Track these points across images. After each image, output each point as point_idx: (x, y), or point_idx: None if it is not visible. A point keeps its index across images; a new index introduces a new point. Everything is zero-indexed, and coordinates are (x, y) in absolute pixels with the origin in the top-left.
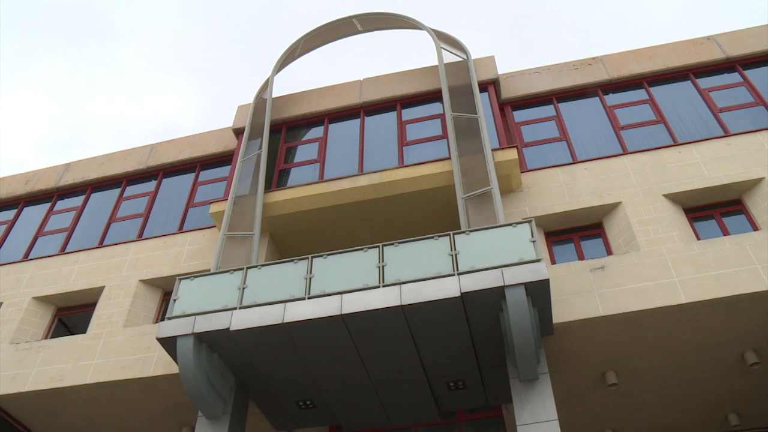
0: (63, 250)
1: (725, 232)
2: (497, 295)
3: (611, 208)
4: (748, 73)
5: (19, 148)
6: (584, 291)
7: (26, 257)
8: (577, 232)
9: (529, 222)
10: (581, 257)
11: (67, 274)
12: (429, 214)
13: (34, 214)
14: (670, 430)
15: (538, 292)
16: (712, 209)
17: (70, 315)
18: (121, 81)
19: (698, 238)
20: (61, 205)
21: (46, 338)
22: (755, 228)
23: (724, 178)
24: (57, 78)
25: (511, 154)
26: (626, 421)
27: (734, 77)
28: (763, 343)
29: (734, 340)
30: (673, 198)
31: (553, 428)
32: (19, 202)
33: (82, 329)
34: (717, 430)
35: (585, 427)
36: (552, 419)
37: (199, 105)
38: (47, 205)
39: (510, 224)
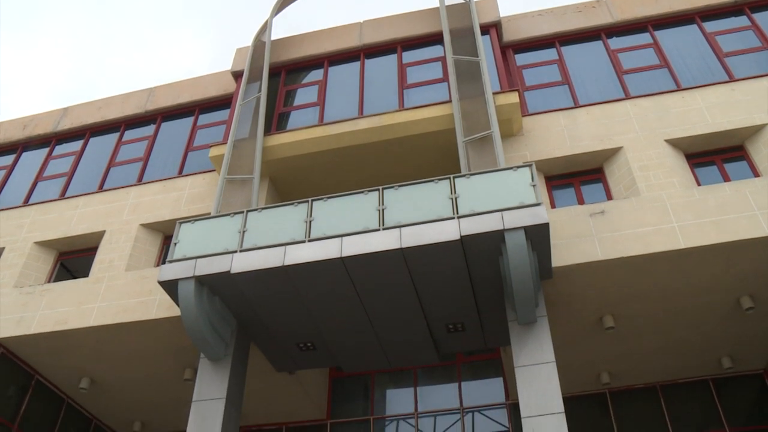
0: (63, 195)
1: (726, 179)
2: (497, 238)
3: (612, 153)
4: (756, 16)
5: (33, 100)
6: (584, 235)
7: (26, 202)
8: (578, 176)
9: (530, 166)
10: (581, 202)
11: (67, 219)
12: (429, 158)
13: (32, 159)
14: (664, 372)
15: (538, 236)
16: (714, 155)
17: (72, 259)
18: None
19: (699, 184)
20: (59, 149)
21: (48, 282)
22: (756, 174)
23: (726, 124)
24: (69, 31)
25: (513, 98)
26: (622, 364)
27: (742, 21)
28: (758, 288)
29: (731, 286)
30: (675, 143)
31: (550, 370)
32: (17, 147)
33: (84, 273)
34: (710, 373)
35: (582, 370)
36: (549, 361)
37: (214, 55)
38: (46, 150)
39: (510, 168)
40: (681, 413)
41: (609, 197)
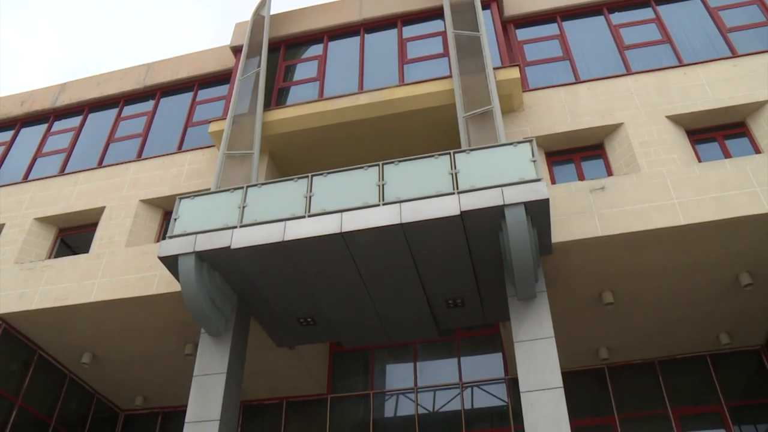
0: (62, 171)
1: (727, 155)
2: (497, 214)
3: (613, 129)
4: None
5: (34, 77)
6: (584, 211)
7: (26, 178)
8: (578, 152)
9: (530, 141)
10: (581, 178)
11: (67, 195)
12: (430, 133)
13: (31, 135)
14: (662, 348)
15: (538, 212)
16: (715, 132)
17: (72, 235)
18: (134, 8)
19: (699, 161)
20: (58, 125)
21: (49, 258)
22: (757, 151)
23: (728, 100)
24: (70, 7)
25: (513, 73)
26: (620, 339)
27: None
28: (757, 264)
29: (730, 262)
30: (676, 120)
31: (549, 345)
32: (15, 123)
33: (85, 249)
34: (708, 349)
35: (580, 345)
36: (548, 336)
37: (214, 30)
38: (44, 126)
39: (511, 143)
40: (678, 388)
41: (609, 173)
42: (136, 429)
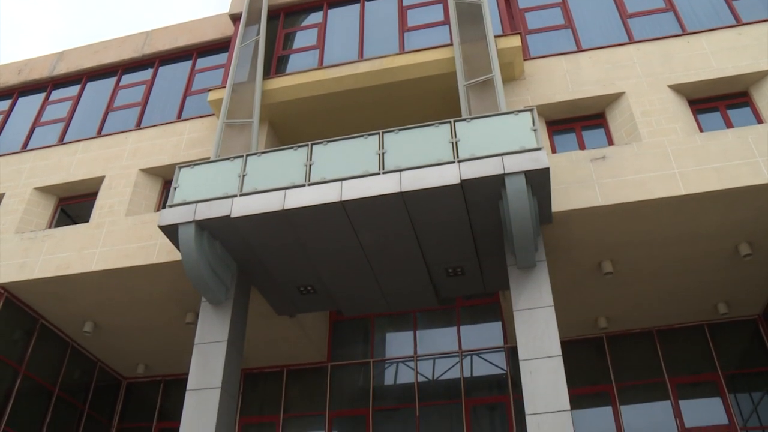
0: (62, 141)
1: (729, 125)
2: (497, 182)
3: (614, 98)
4: None
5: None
6: (584, 181)
7: (25, 148)
8: (579, 121)
9: (531, 110)
10: (582, 147)
11: (66, 165)
12: (430, 102)
13: (29, 104)
14: (661, 317)
15: (538, 181)
16: (718, 101)
17: (72, 205)
18: None
19: (701, 131)
20: (56, 94)
21: (49, 228)
22: (760, 121)
23: (732, 69)
24: None
25: (514, 41)
26: (619, 309)
27: None
28: (757, 235)
29: (730, 232)
30: (679, 89)
31: (548, 314)
32: (13, 92)
33: (85, 219)
34: (706, 318)
35: (579, 315)
36: (548, 305)
37: None
38: (42, 95)
39: (511, 112)
40: (676, 357)
41: (610, 143)
42: (138, 397)
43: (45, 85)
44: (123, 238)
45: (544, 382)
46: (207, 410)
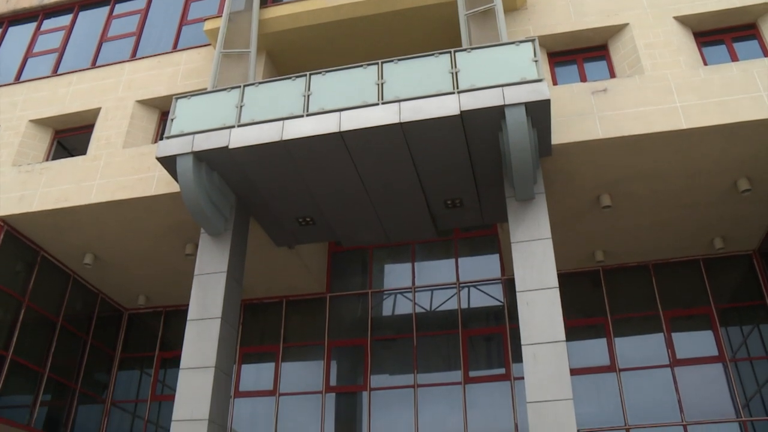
0: (55, 72)
1: (734, 58)
2: (497, 114)
3: (618, 30)
4: None
5: None
6: (585, 113)
7: (18, 79)
8: (581, 53)
9: (532, 41)
10: (584, 79)
11: (61, 96)
12: (430, 32)
13: (20, 34)
14: (657, 251)
15: (538, 113)
16: (724, 34)
17: (69, 137)
18: None
19: (705, 64)
20: (48, 24)
21: (47, 160)
22: (766, 54)
23: (739, 0)
24: None
25: None
26: (616, 242)
27: None
28: (756, 170)
29: (729, 167)
30: (684, 21)
31: (546, 246)
32: (2, 22)
33: (82, 151)
34: (702, 253)
35: (577, 248)
36: (545, 237)
37: None
38: (33, 25)
39: (512, 43)
40: (670, 291)
41: (612, 75)
42: (139, 327)
43: (36, 14)
44: (121, 170)
45: (541, 313)
46: (208, 340)
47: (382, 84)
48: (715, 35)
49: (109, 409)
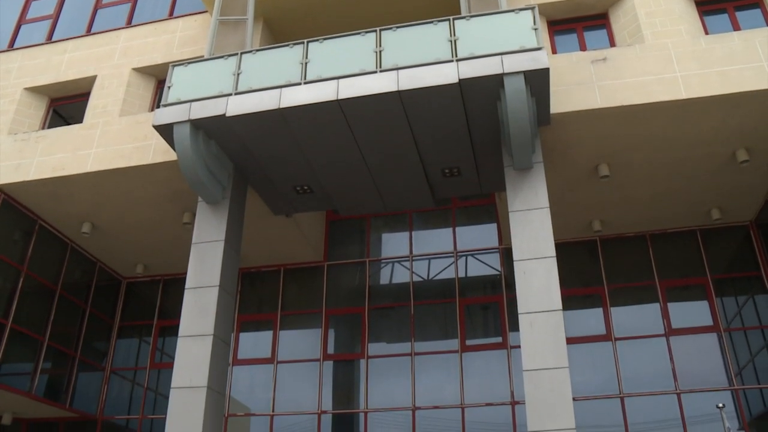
0: (50, 39)
1: (736, 27)
2: (496, 82)
3: None
4: None
5: None
6: (584, 82)
7: (11, 46)
8: (581, 21)
9: (532, 9)
10: (583, 48)
11: (56, 64)
12: None
13: (12, 0)
14: (654, 222)
15: (537, 81)
16: (726, 2)
17: (65, 105)
18: None
19: (707, 33)
20: None
21: (43, 129)
22: None
23: None
24: None
25: None
26: (614, 213)
27: None
28: (756, 141)
29: (728, 138)
30: None
31: (543, 215)
32: None
33: (78, 119)
34: (699, 223)
35: (574, 217)
36: (543, 207)
37: None
38: None
39: (512, 10)
40: (667, 261)
41: (612, 44)
42: (138, 296)
43: None
44: (118, 138)
45: (538, 282)
46: (206, 308)
47: (380, 52)
48: (717, 4)
49: (109, 376)
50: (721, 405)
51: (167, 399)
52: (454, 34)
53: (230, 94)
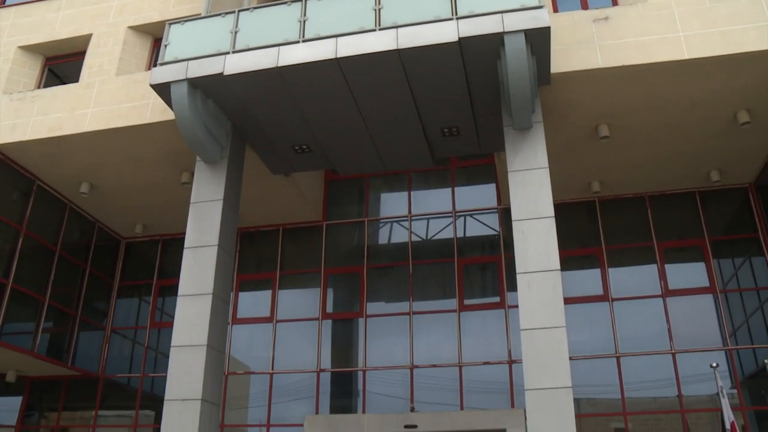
0: None
1: None
2: (496, 41)
3: None
4: None
5: None
6: (585, 42)
7: (3, 3)
8: None
9: None
10: (585, 7)
11: (51, 22)
12: None
13: None
14: (654, 183)
15: (538, 40)
16: None
17: (60, 64)
18: None
19: None
20: None
21: (38, 88)
22: None
23: None
24: None
25: None
26: (613, 174)
27: None
28: (757, 103)
29: (729, 99)
30: None
31: (542, 176)
32: None
33: (74, 79)
34: (698, 185)
35: (573, 179)
36: (542, 167)
37: None
38: None
39: None
40: (665, 223)
41: (614, 3)
42: (137, 256)
43: None
44: (115, 97)
45: (536, 242)
46: (205, 267)
47: (379, 9)
48: None
49: (110, 335)
50: (714, 365)
51: (167, 358)
52: None
53: (228, 53)
